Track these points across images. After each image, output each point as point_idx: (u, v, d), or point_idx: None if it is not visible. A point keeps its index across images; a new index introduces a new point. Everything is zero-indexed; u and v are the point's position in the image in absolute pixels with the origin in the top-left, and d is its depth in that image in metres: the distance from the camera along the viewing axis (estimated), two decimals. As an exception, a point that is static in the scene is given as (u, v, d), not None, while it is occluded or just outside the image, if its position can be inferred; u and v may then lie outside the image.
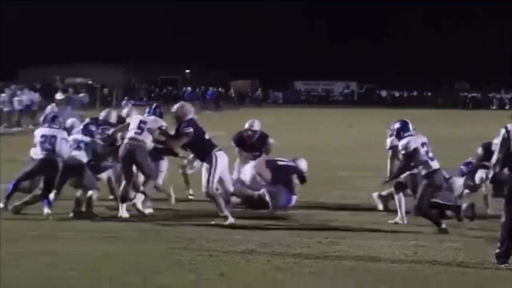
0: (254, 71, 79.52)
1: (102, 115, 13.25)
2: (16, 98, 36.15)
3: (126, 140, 12.15)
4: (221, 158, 11.82)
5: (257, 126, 13.66)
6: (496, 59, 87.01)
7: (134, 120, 12.38)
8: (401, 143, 11.60)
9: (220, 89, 65.62)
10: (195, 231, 11.01)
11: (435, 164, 11.48)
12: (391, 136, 12.64)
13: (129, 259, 9.26)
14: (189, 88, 59.42)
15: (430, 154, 11.51)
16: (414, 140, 11.51)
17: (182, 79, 78.82)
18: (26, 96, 36.56)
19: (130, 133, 12.16)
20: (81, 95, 48.88)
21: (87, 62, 70.04)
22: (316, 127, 37.64)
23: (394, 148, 12.48)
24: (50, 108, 18.86)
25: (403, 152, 11.52)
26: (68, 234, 10.67)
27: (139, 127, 12.13)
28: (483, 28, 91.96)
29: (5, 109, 35.12)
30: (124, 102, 40.95)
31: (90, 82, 64.60)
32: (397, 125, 11.91)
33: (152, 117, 12.34)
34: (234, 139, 13.83)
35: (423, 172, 11.45)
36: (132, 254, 9.53)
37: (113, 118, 13.18)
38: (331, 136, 31.46)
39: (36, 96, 36.88)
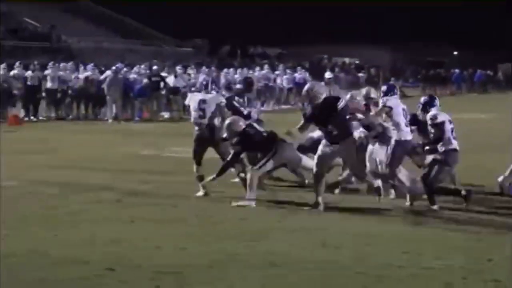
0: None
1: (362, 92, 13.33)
2: (285, 77, 37.47)
3: None
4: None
5: None
6: None
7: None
8: (428, 115, 11.81)
9: (488, 72, 63.91)
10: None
11: (455, 144, 11.59)
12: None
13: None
14: (456, 70, 58.38)
15: (454, 134, 11.63)
16: (443, 114, 11.76)
17: (450, 61, 77.54)
18: (297, 75, 37.75)
19: None
20: (360, 74, 49.53)
21: (355, 42, 70.68)
22: None
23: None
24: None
25: (430, 123, 11.70)
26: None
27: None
28: None
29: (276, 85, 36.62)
30: (391, 83, 41.18)
31: (357, 62, 65.20)
32: (423, 99, 12.39)
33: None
34: None
35: (442, 149, 11.56)
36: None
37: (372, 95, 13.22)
38: None
39: (306, 75, 37.91)
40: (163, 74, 32.04)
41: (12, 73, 28.61)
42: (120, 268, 7.93)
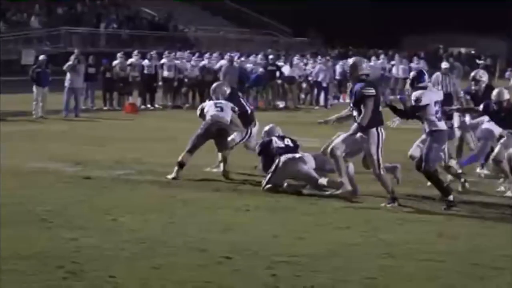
0: None
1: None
2: (401, 66, 37.10)
3: None
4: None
5: None
6: None
7: None
8: (414, 94, 11.12)
9: None
10: None
11: (441, 125, 11.07)
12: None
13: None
14: None
15: (439, 114, 11.10)
16: (429, 96, 11.07)
17: None
18: (413, 64, 37.31)
19: None
20: (480, 62, 48.48)
21: (470, 32, 69.29)
22: None
23: None
24: (435, 77, 19.10)
25: (413, 103, 11.06)
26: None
27: None
28: None
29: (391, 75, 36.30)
30: (508, 73, 40.23)
31: (472, 52, 63.85)
32: (412, 74, 11.65)
33: None
34: None
35: (427, 130, 11.06)
36: None
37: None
38: None
39: (422, 65, 37.40)
40: (279, 63, 32.13)
41: (129, 61, 29.16)
42: (236, 256, 8.00)
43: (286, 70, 31.42)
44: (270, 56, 32.56)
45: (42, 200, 10.70)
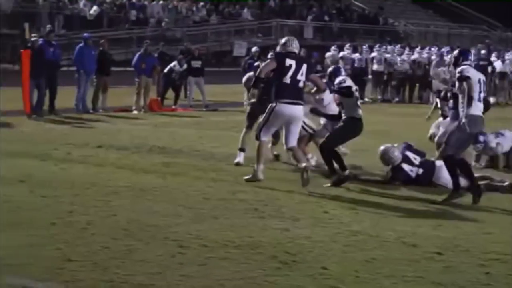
0: None
1: None
2: None
3: None
4: None
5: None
6: None
7: None
8: (459, 69, 10.63)
9: None
10: None
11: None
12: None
13: None
14: None
15: (482, 95, 10.58)
16: (472, 71, 10.67)
17: None
18: None
19: None
20: None
21: None
22: None
23: None
24: None
25: (458, 76, 10.59)
26: None
27: None
28: None
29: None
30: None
31: None
32: (455, 53, 11.17)
33: None
34: None
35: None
36: None
37: None
38: None
39: None
40: (492, 58, 31.34)
41: (340, 54, 29.34)
42: (448, 252, 7.90)
43: (498, 65, 30.60)
44: (482, 51, 31.80)
45: (256, 191, 10.98)
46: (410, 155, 12.16)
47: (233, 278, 6.86)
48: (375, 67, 29.65)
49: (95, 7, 37.94)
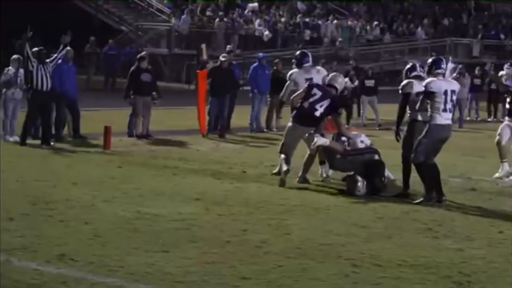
0: None
1: None
2: None
3: None
4: None
5: None
6: None
7: None
8: (426, 81, 11.08)
9: None
10: None
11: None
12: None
13: None
14: None
15: (449, 105, 11.00)
16: (439, 84, 11.06)
17: None
18: None
19: None
20: None
21: None
22: None
23: None
24: None
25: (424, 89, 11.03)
26: None
27: None
28: None
29: None
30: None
31: None
32: (429, 61, 11.58)
33: None
34: None
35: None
36: None
37: None
38: None
39: None
40: None
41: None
42: None
43: None
44: None
45: (430, 210, 10.87)
46: None
47: (407, 298, 6.87)
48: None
49: (266, 32, 38.54)
